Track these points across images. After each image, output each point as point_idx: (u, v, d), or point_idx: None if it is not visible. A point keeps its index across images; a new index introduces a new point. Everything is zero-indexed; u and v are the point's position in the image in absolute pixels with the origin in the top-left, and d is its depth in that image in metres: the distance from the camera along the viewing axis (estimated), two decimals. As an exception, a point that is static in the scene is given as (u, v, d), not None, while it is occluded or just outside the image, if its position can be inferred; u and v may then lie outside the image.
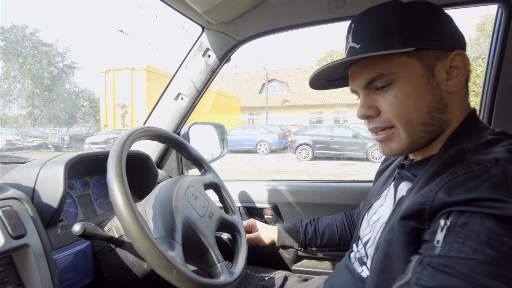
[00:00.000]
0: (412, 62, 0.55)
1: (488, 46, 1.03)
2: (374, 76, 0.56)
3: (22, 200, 0.64)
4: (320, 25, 1.06)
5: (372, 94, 0.59)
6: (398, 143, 0.58)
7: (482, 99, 1.06)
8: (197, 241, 0.68)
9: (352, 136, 10.28)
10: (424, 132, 0.56)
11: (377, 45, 0.55)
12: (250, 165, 10.02)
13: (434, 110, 0.55)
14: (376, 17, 0.56)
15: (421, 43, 0.54)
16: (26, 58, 23.45)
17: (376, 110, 0.58)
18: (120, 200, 0.52)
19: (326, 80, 0.68)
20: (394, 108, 0.56)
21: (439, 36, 0.55)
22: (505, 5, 0.93)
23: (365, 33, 0.57)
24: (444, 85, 0.55)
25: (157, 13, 9.58)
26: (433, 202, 0.45)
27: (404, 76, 0.55)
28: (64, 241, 0.69)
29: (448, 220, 0.42)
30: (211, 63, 1.17)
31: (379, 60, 0.56)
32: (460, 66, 0.55)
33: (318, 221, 1.02)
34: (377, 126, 0.59)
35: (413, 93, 0.55)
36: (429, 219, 0.46)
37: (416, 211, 0.47)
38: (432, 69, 0.55)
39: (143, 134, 0.72)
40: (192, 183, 0.83)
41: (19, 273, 0.57)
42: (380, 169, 0.84)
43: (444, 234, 0.42)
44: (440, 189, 0.45)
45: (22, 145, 13.74)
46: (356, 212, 1.00)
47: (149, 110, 1.29)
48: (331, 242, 0.98)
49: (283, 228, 1.02)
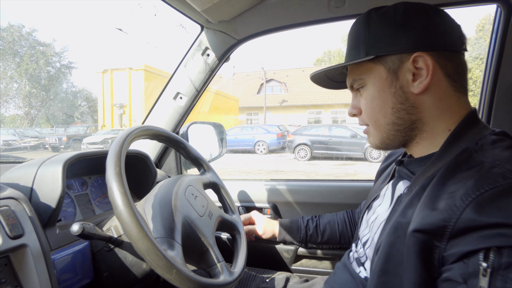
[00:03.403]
0: (376, 67, 0.59)
1: (487, 46, 1.03)
2: (351, 81, 0.65)
3: (20, 200, 0.63)
4: (319, 24, 1.06)
5: (358, 95, 0.65)
6: (373, 139, 0.64)
7: (481, 99, 1.06)
8: (196, 241, 0.68)
9: (350, 136, 10.31)
10: (394, 130, 0.60)
11: (351, 55, 0.63)
12: (248, 165, 10.03)
13: (400, 111, 0.58)
14: (354, 28, 0.64)
15: (379, 50, 0.58)
16: (23, 57, 23.33)
17: (359, 110, 0.65)
18: (119, 200, 0.52)
19: (330, 79, 0.73)
20: (365, 109, 0.63)
21: (399, 41, 0.56)
22: (504, 5, 0.93)
23: (347, 45, 0.65)
24: (408, 87, 0.57)
25: (156, 11, 9.57)
26: (459, 220, 0.42)
27: (370, 81, 0.60)
28: (63, 241, 0.68)
29: (489, 261, 0.39)
30: (210, 62, 1.16)
31: (353, 67, 0.63)
32: (423, 67, 0.55)
33: (320, 218, 1.02)
34: (360, 123, 0.67)
35: (377, 96, 0.60)
36: (449, 238, 0.43)
37: (436, 228, 0.44)
38: (396, 73, 0.57)
39: (142, 133, 0.71)
40: (192, 182, 0.82)
41: (17, 274, 0.56)
42: (381, 168, 0.84)
43: (488, 281, 0.38)
44: (467, 206, 0.42)
45: (19, 145, 13.67)
46: (357, 211, 1.00)
47: (147, 110, 1.28)
48: (331, 239, 0.99)
49: (285, 223, 1.03)
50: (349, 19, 1.00)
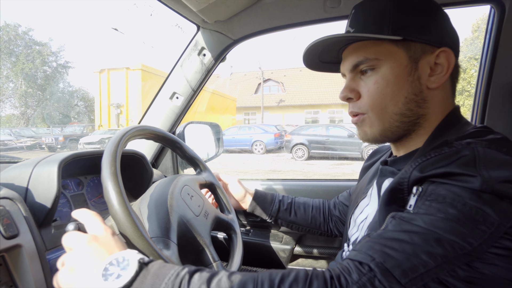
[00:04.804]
0: (397, 51, 0.56)
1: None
2: (360, 60, 0.58)
3: (15, 200, 0.63)
4: (315, 25, 1.07)
5: (357, 78, 0.61)
6: (371, 129, 0.60)
7: (475, 99, 1.07)
8: (192, 240, 0.68)
9: (348, 136, 10.33)
10: (398, 122, 0.58)
11: (368, 31, 0.57)
12: (245, 165, 10.02)
13: (411, 102, 0.57)
14: (374, 5, 0.59)
15: (409, 34, 0.55)
16: (19, 57, 23.17)
17: (357, 94, 0.60)
18: (114, 199, 0.52)
19: (320, 60, 0.69)
20: (373, 94, 0.57)
21: (429, 30, 0.56)
22: (498, 5, 0.94)
23: (361, 19, 0.60)
24: (425, 80, 0.57)
25: (152, 11, 9.55)
26: (409, 180, 0.49)
27: (388, 64, 0.56)
28: (58, 241, 0.68)
29: (420, 187, 0.47)
30: (206, 62, 1.16)
31: (367, 45, 0.57)
32: (444, 64, 0.56)
33: (295, 198, 1.03)
34: (354, 110, 0.62)
35: (393, 82, 0.56)
36: (408, 197, 0.50)
37: (395, 191, 0.51)
38: (416, 62, 0.56)
39: (138, 133, 0.71)
40: (188, 182, 0.82)
41: (12, 274, 0.56)
42: (365, 166, 0.84)
43: (415, 199, 0.47)
44: (414, 169, 0.49)
45: (15, 145, 13.58)
46: (333, 202, 1.01)
47: (144, 110, 1.28)
48: (302, 220, 0.99)
49: (260, 192, 1.02)
50: (345, 20, 1.00)
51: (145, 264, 0.45)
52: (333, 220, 0.99)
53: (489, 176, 0.42)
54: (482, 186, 0.41)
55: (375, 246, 0.45)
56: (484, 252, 0.42)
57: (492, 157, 0.44)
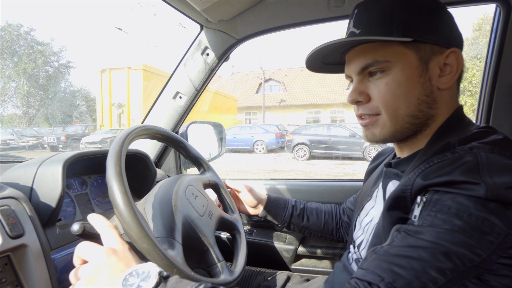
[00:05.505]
0: (408, 52, 0.55)
1: (485, 45, 1.04)
2: (369, 62, 0.57)
3: (20, 200, 0.63)
4: (318, 24, 1.06)
5: (365, 81, 0.59)
6: (382, 130, 0.59)
7: (480, 98, 1.07)
8: (197, 241, 0.68)
9: (349, 136, 10.32)
10: (409, 123, 0.57)
11: (377, 32, 0.56)
12: (247, 164, 10.02)
13: (423, 103, 0.56)
14: (380, 4, 0.57)
15: (419, 35, 0.54)
16: (21, 57, 23.23)
17: (366, 97, 0.59)
18: (119, 199, 0.52)
19: (323, 62, 0.68)
20: (384, 96, 0.56)
21: (438, 31, 0.55)
22: (503, 4, 0.94)
23: (366, 19, 0.58)
24: (435, 81, 0.56)
25: (155, 11, 9.54)
26: (412, 188, 0.48)
27: (399, 66, 0.55)
28: (63, 241, 0.68)
29: (424, 197, 0.46)
30: (209, 61, 1.16)
31: (376, 47, 0.56)
32: (453, 64, 0.56)
33: (307, 203, 1.02)
34: (365, 112, 0.60)
35: (404, 84, 0.55)
36: (411, 205, 0.49)
37: (398, 199, 0.50)
38: (427, 63, 0.56)
39: (142, 132, 0.71)
40: (192, 182, 0.82)
41: (18, 273, 0.56)
42: (370, 168, 0.84)
43: (420, 210, 0.46)
44: (417, 176, 0.48)
45: (17, 144, 13.63)
46: (342, 207, 1.00)
47: (145, 110, 1.28)
48: (315, 225, 0.98)
49: (273, 197, 1.01)
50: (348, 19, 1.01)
51: (164, 278, 0.46)
52: (343, 225, 0.98)
53: (493, 183, 0.41)
54: (487, 194, 0.41)
55: (383, 264, 0.44)
56: (493, 263, 0.41)
57: (495, 162, 0.43)
